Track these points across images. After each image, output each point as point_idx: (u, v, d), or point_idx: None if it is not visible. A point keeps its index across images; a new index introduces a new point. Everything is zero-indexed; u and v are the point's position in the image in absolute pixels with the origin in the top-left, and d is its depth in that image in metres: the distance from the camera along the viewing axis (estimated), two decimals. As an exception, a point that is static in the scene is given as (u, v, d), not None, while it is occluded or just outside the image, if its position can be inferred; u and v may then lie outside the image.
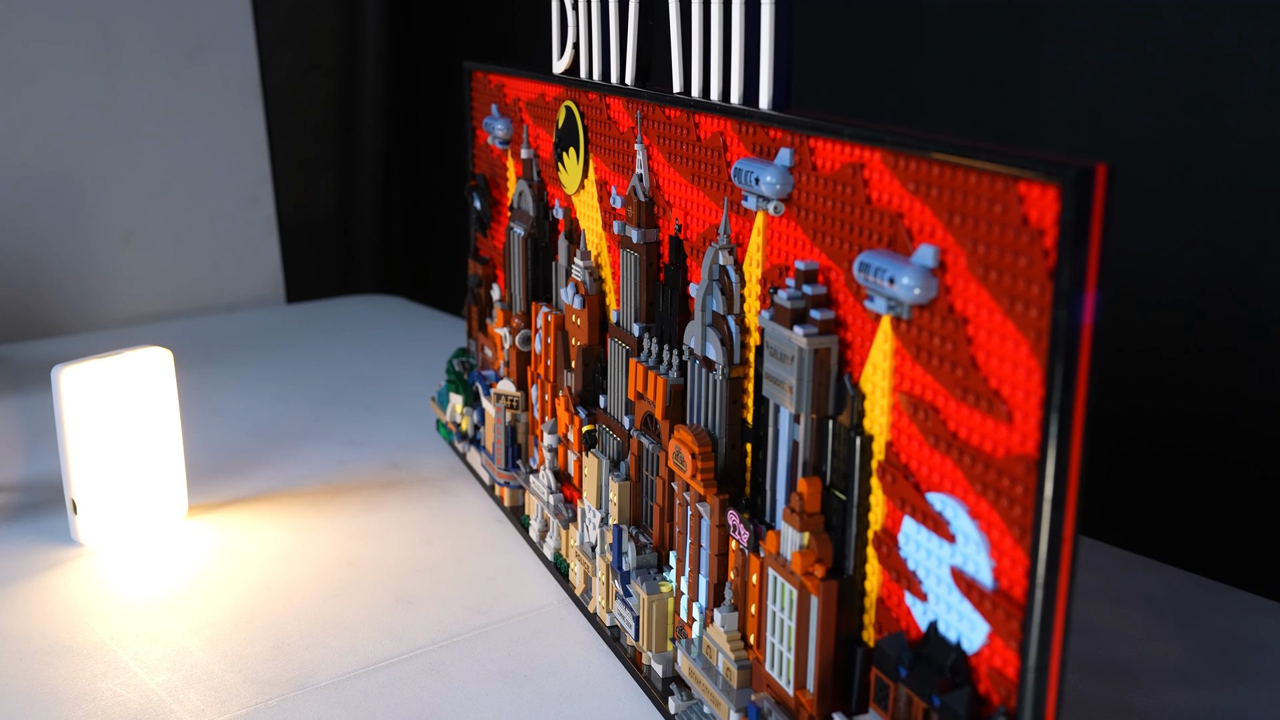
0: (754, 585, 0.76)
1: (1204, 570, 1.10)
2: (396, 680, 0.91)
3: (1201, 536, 1.21)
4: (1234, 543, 1.19)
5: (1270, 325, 1.16)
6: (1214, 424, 1.21)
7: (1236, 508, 1.19)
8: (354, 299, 2.18)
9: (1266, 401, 1.17)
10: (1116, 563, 1.13)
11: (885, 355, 0.65)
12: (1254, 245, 1.16)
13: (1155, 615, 1.02)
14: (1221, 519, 1.20)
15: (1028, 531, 0.55)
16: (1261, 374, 1.17)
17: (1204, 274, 1.21)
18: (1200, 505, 1.22)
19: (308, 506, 1.23)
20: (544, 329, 1.11)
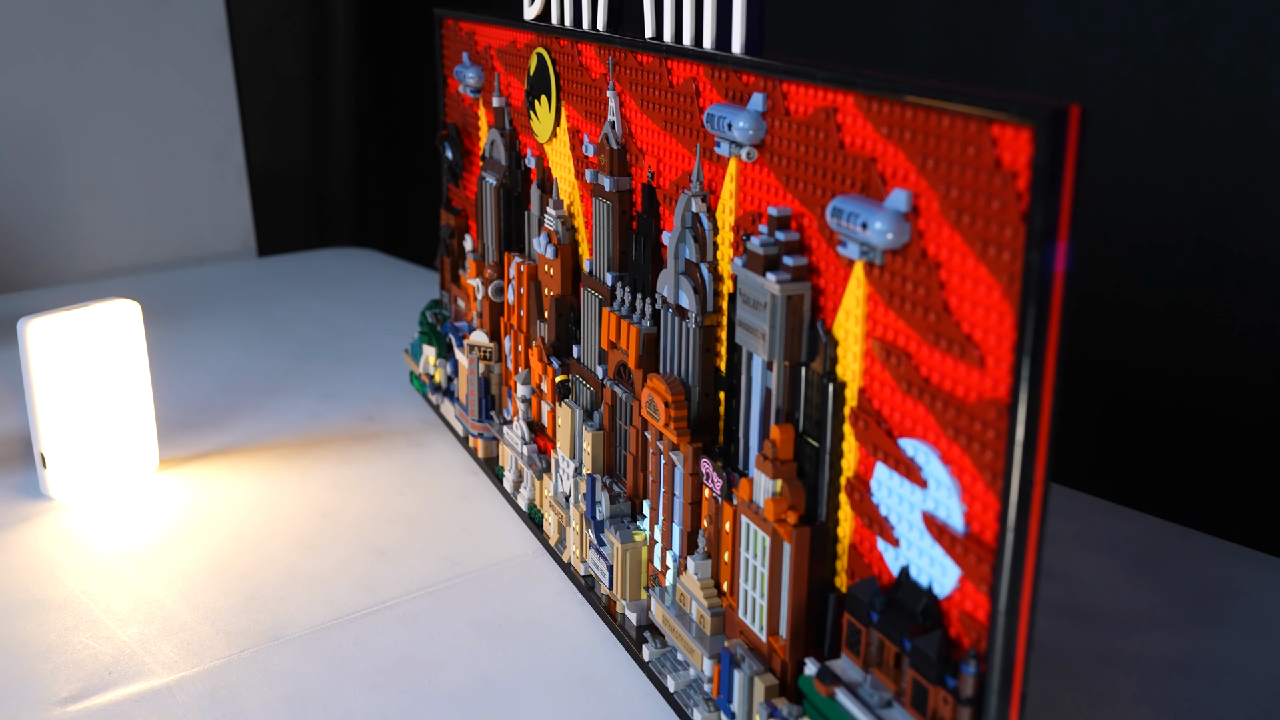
0: (727, 533, 0.76)
1: (1175, 516, 1.11)
2: (370, 631, 0.91)
3: (1172, 483, 1.21)
4: (1204, 489, 1.19)
5: (1242, 274, 1.16)
6: (1186, 371, 1.21)
7: (1207, 454, 1.20)
8: (327, 252, 2.16)
9: (1239, 348, 1.17)
10: (1088, 509, 1.14)
11: (858, 301, 0.65)
12: (1228, 193, 1.16)
13: (1126, 561, 1.03)
14: (1192, 466, 1.21)
15: (999, 476, 0.55)
16: (1233, 321, 1.17)
17: (1179, 221, 1.21)
18: (1171, 452, 1.23)
19: (280, 459, 1.22)
20: (517, 279, 1.10)
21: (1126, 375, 1.26)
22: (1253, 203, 1.15)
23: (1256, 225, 1.15)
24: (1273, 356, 1.14)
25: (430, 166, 1.54)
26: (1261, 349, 1.15)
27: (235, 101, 2.08)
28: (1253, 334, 1.16)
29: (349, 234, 2.33)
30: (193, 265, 2.06)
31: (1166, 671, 0.87)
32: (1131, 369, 1.26)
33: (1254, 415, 1.16)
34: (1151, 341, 1.24)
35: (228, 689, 0.83)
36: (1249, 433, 1.17)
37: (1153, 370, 1.24)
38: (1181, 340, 1.21)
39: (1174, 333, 1.22)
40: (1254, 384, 1.16)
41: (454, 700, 0.82)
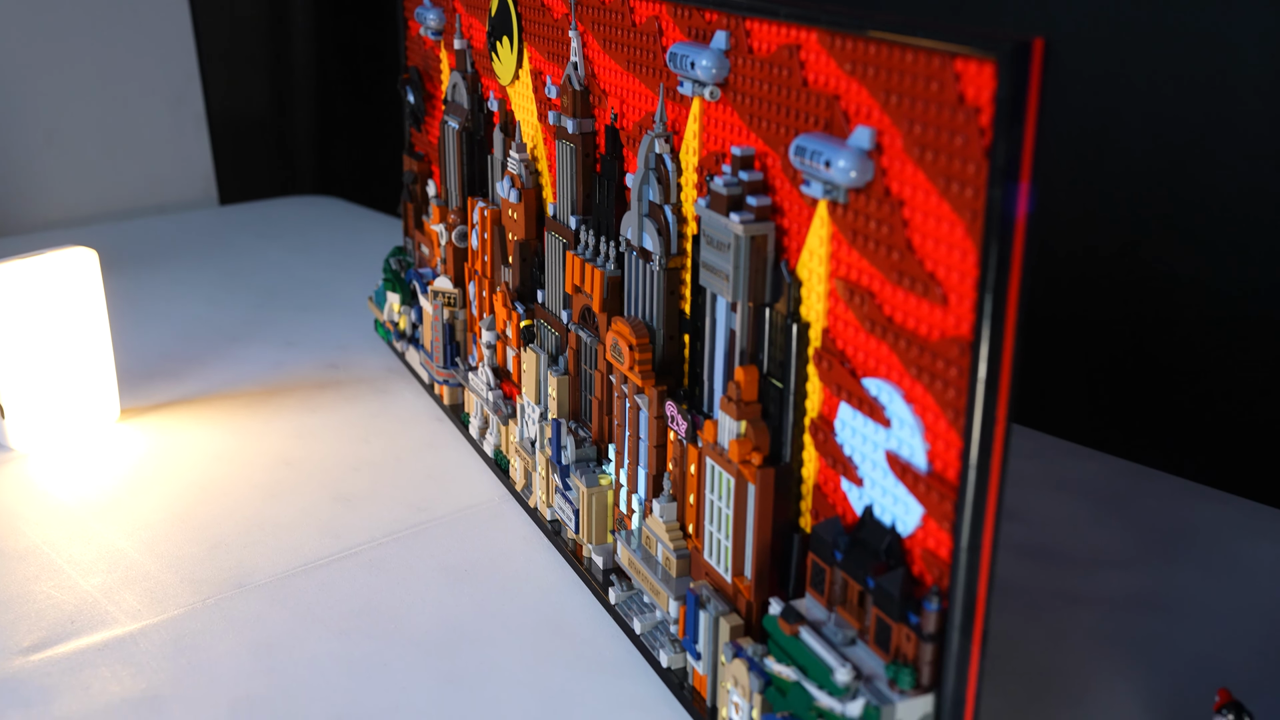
0: (692, 475, 0.76)
1: (1137, 457, 1.12)
2: (335, 577, 0.90)
3: (1136, 425, 1.22)
4: (1167, 430, 1.21)
5: (1203, 219, 1.16)
6: (1148, 315, 1.22)
7: (1169, 397, 1.21)
8: (289, 200, 2.13)
9: (1198, 292, 1.18)
10: (1052, 451, 1.15)
11: (822, 241, 0.65)
12: (1186, 142, 1.16)
13: (1089, 501, 1.04)
14: (1155, 408, 1.22)
15: (961, 414, 0.55)
16: (1193, 265, 1.18)
17: (1141, 168, 1.21)
18: (1134, 395, 1.24)
19: (243, 408, 1.21)
20: (480, 224, 1.09)
21: (1091, 321, 1.27)
22: (1209, 152, 1.15)
23: (1214, 173, 1.15)
24: (1232, 301, 1.15)
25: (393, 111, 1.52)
26: (1221, 294, 1.16)
27: (193, 47, 2.04)
28: (1212, 279, 1.17)
29: (312, 182, 2.31)
30: (153, 214, 2.03)
31: (1128, 609, 0.88)
32: (1095, 314, 1.26)
33: (1214, 359, 1.17)
34: (1115, 287, 1.24)
35: (192, 636, 0.83)
36: (1210, 375, 1.18)
37: (1116, 315, 1.25)
38: (1144, 285, 1.22)
39: (1136, 278, 1.22)
40: (1215, 328, 1.17)
41: (421, 645, 0.82)
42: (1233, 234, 1.14)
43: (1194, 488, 1.07)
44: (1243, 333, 1.14)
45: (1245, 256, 1.14)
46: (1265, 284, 1.13)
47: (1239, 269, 1.14)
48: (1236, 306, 1.15)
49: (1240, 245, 1.14)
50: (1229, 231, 1.15)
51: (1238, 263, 1.14)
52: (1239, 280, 1.15)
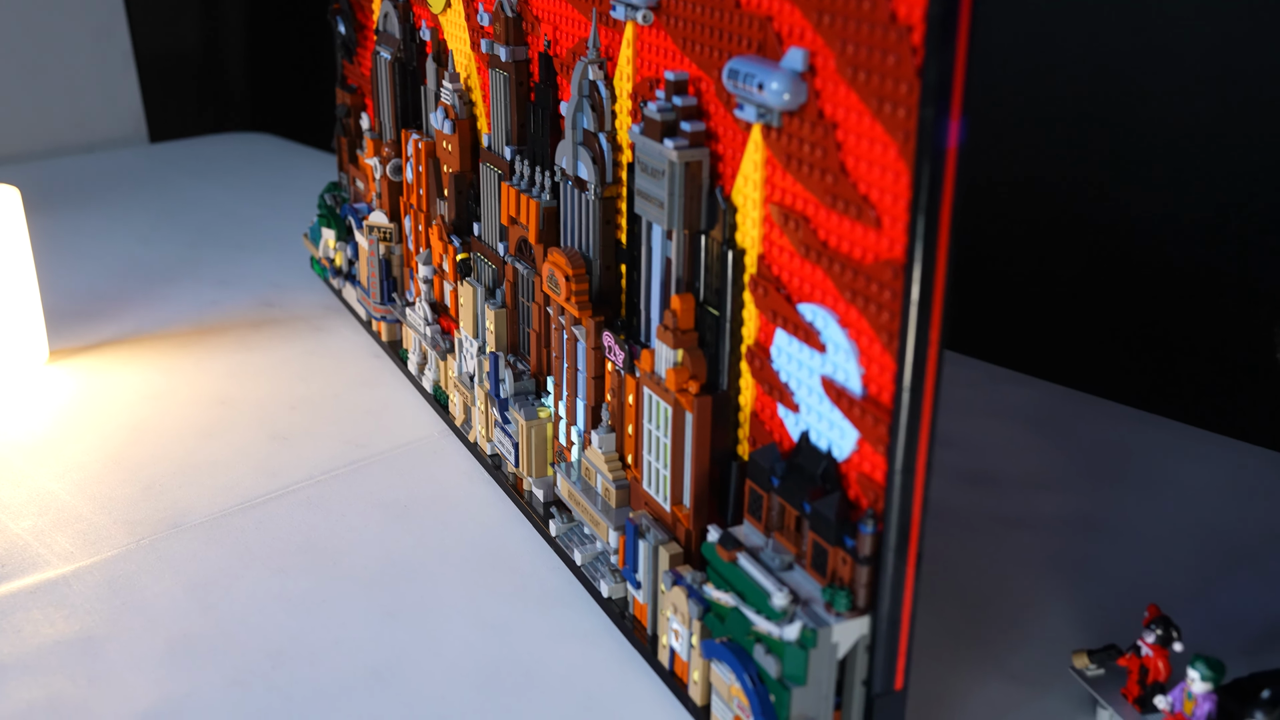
0: (630, 406, 0.76)
1: (1073, 383, 1.14)
2: (273, 515, 0.89)
3: (1071, 350, 1.24)
4: (1101, 355, 1.22)
5: (1141, 143, 1.17)
6: (1084, 243, 1.23)
7: (1103, 322, 1.22)
8: (222, 137, 2.09)
9: (1133, 220, 1.19)
10: (989, 378, 1.16)
11: (756, 166, 0.64)
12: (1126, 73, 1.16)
13: (1026, 426, 1.05)
14: (1090, 333, 1.23)
15: (895, 337, 0.55)
16: (1127, 191, 1.19)
17: (1080, 98, 1.21)
18: (1070, 320, 1.25)
19: (176, 348, 1.19)
20: (415, 157, 1.07)
21: (1028, 249, 1.28)
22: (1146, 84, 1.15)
23: (1150, 104, 1.15)
24: (1165, 230, 1.16)
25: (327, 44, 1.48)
26: (1155, 222, 1.17)
27: (116, -22, 1.98)
28: (1147, 208, 1.17)
29: (244, 118, 2.26)
30: (80, 153, 1.97)
31: (1063, 531, 0.89)
32: (1032, 243, 1.27)
33: (1148, 286, 1.18)
34: (1051, 215, 1.25)
35: (127, 577, 0.82)
36: (1144, 302, 1.19)
37: (1053, 243, 1.25)
38: (1080, 212, 1.22)
39: (1072, 204, 1.23)
40: (1149, 256, 1.18)
41: (360, 581, 0.82)
42: (1169, 163, 1.15)
43: (1129, 412, 1.08)
44: (1176, 260, 1.16)
45: (1180, 185, 1.14)
46: (1198, 213, 1.14)
47: (1174, 198, 1.15)
48: (1170, 235, 1.16)
49: (1175, 173, 1.15)
50: (1165, 160, 1.15)
51: (1172, 192, 1.15)
52: (1173, 209, 1.16)
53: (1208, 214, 1.13)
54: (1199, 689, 0.62)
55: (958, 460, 0.99)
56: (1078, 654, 0.70)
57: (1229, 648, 0.74)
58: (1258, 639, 0.76)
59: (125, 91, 2.03)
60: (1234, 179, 1.10)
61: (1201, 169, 1.12)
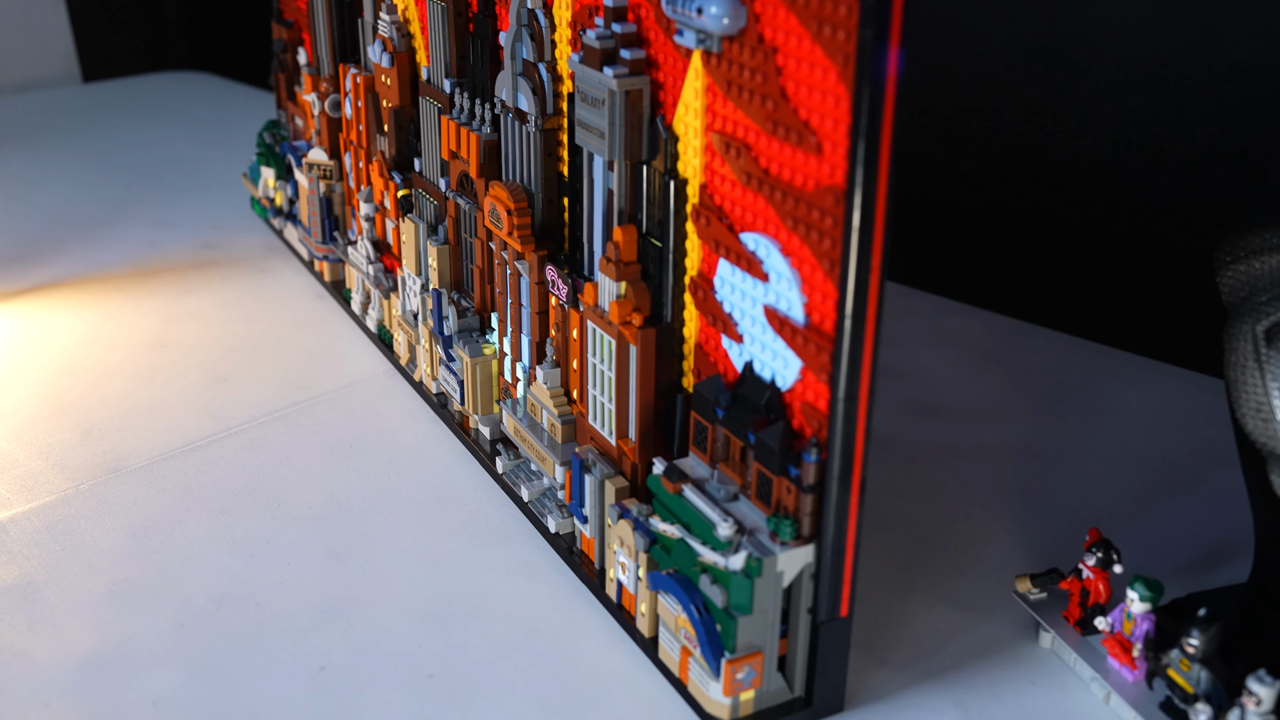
0: (575, 340, 0.75)
1: (1017, 313, 1.14)
2: (215, 457, 0.88)
3: (1015, 281, 1.24)
4: (1045, 286, 1.23)
5: (1084, 74, 1.17)
6: (1026, 174, 1.23)
7: (1047, 252, 1.23)
8: (158, 76, 2.03)
9: (1074, 150, 1.19)
10: (937, 310, 1.16)
11: (697, 93, 0.63)
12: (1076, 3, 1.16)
13: (973, 357, 1.06)
14: (1034, 264, 1.24)
15: (837, 264, 0.55)
16: (1072, 123, 1.19)
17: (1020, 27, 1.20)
18: (1014, 252, 1.25)
19: (115, 291, 1.16)
20: (353, 92, 1.05)
21: (971, 180, 1.28)
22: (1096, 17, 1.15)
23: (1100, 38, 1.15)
24: (1108, 163, 1.16)
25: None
26: (1096, 152, 1.17)
27: (43, -88, 1.91)
28: (1089, 138, 1.17)
29: (181, 56, 2.20)
30: (10, 93, 1.92)
31: (1008, 458, 0.90)
32: (976, 174, 1.27)
33: (1091, 217, 1.18)
34: (996, 146, 1.25)
35: (66, 522, 0.80)
36: (1086, 232, 1.19)
37: (996, 174, 1.25)
38: (1023, 145, 1.22)
39: (1017, 137, 1.23)
40: (1089, 186, 1.18)
41: (304, 521, 0.81)
42: (1115, 94, 1.15)
43: (1073, 341, 1.09)
44: (1118, 191, 1.16)
45: (1125, 116, 1.15)
46: (1137, 143, 1.14)
47: (1118, 129, 1.15)
48: (1111, 164, 1.16)
49: (1121, 104, 1.15)
50: (1111, 92, 1.15)
51: (1117, 123, 1.15)
52: (1117, 140, 1.16)
53: (1151, 145, 1.13)
54: (1138, 609, 0.63)
55: (906, 391, 0.99)
56: (1020, 579, 0.71)
57: (1168, 569, 0.75)
58: (1196, 560, 0.78)
59: (56, 30, 1.97)
60: (1178, 110, 1.10)
61: (1147, 101, 1.12)
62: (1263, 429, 0.59)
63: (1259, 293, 0.62)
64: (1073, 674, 0.68)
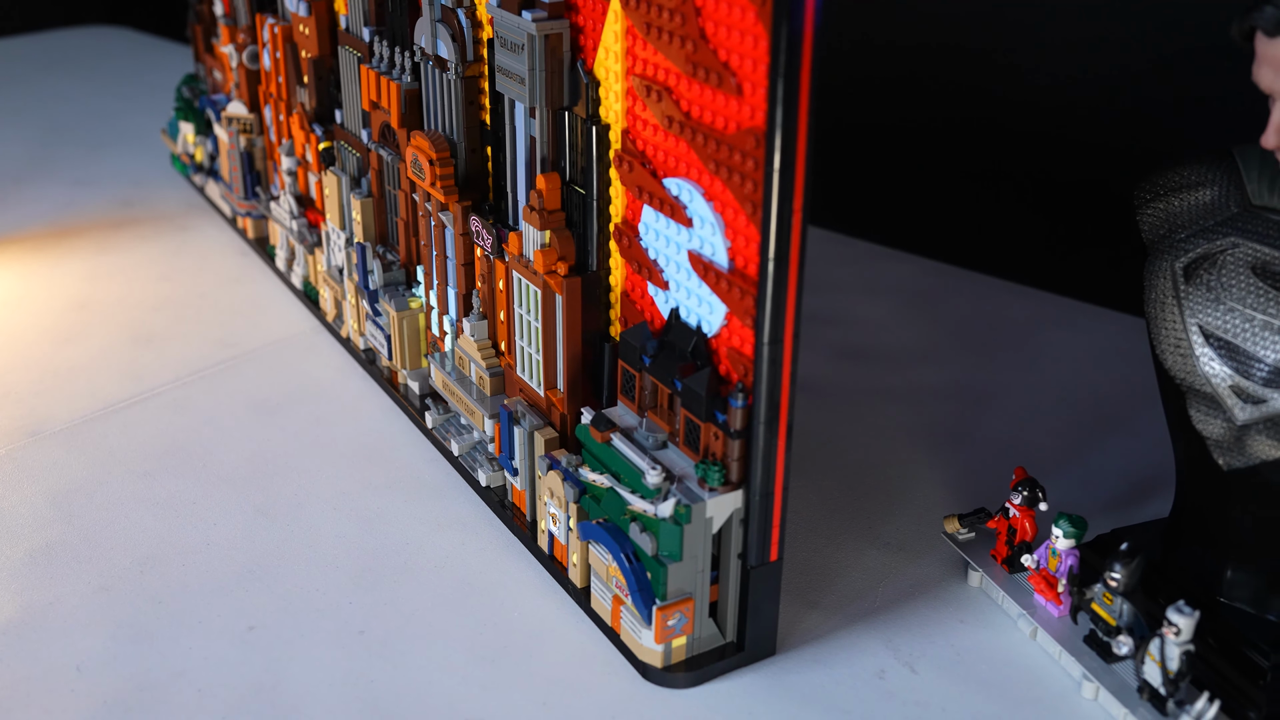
0: (501, 291, 0.74)
1: (946, 258, 1.15)
2: (138, 419, 0.86)
3: (944, 226, 1.25)
4: (973, 230, 1.23)
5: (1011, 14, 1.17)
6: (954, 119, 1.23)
7: (976, 197, 1.23)
8: (73, 31, 1.97)
9: (1003, 95, 1.19)
10: (866, 255, 1.16)
11: (617, 36, 0.62)
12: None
13: (903, 302, 1.06)
14: (963, 209, 1.24)
15: (759, 207, 0.54)
16: (999, 64, 1.19)
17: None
18: (943, 197, 1.26)
19: (30, 252, 1.13)
20: (271, 42, 1.02)
21: (900, 125, 1.28)
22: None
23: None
24: (1034, 106, 1.17)
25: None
26: (1025, 97, 1.17)
27: None
28: (1018, 80, 1.18)
29: (96, 10, 2.14)
30: (-82, 50, 1.86)
31: (939, 401, 0.90)
32: (904, 119, 1.27)
33: (1017, 160, 1.19)
34: (923, 90, 1.25)
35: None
36: (1013, 176, 1.20)
37: (923, 119, 1.25)
38: (951, 89, 1.22)
39: (945, 80, 1.23)
40: (1017, 131, 1.19)
41: (230, 481, 0.79)
42: (1036, 33, 1.15)
43: (1000, 284, 1.10)
44: (1041, 133, 1.17)
45: (1047, 55, 1.15)
46: (1062, 85, 1.14)
47: (1041, 68, 1.16)
48: (1035, 106, 1.17)
49: (1042, 44, 1.15)
50: (1033, 30, 1.16)
51: (1040, 61, 1.16)
52: (1040, 81, 1.16)
53: (1075, 88, 1.14)
54: (1062, 545, 0.64)
55: (836, 337, 1.00)
56: (949, 519, 0.71)
57: (1094, 506, 0.76)
58: (1121, 496, 0.79)
59: (-36, -16, 1.91)
60: (1099, 48, 1.11)
61: (1071, 41, 1.13)
62: (1181, 364, 0.60)
63: (1177, 230, 0.62)
64: (1001, 611, 0.68)
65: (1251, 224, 0.59)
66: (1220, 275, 0.59)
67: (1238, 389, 0.58)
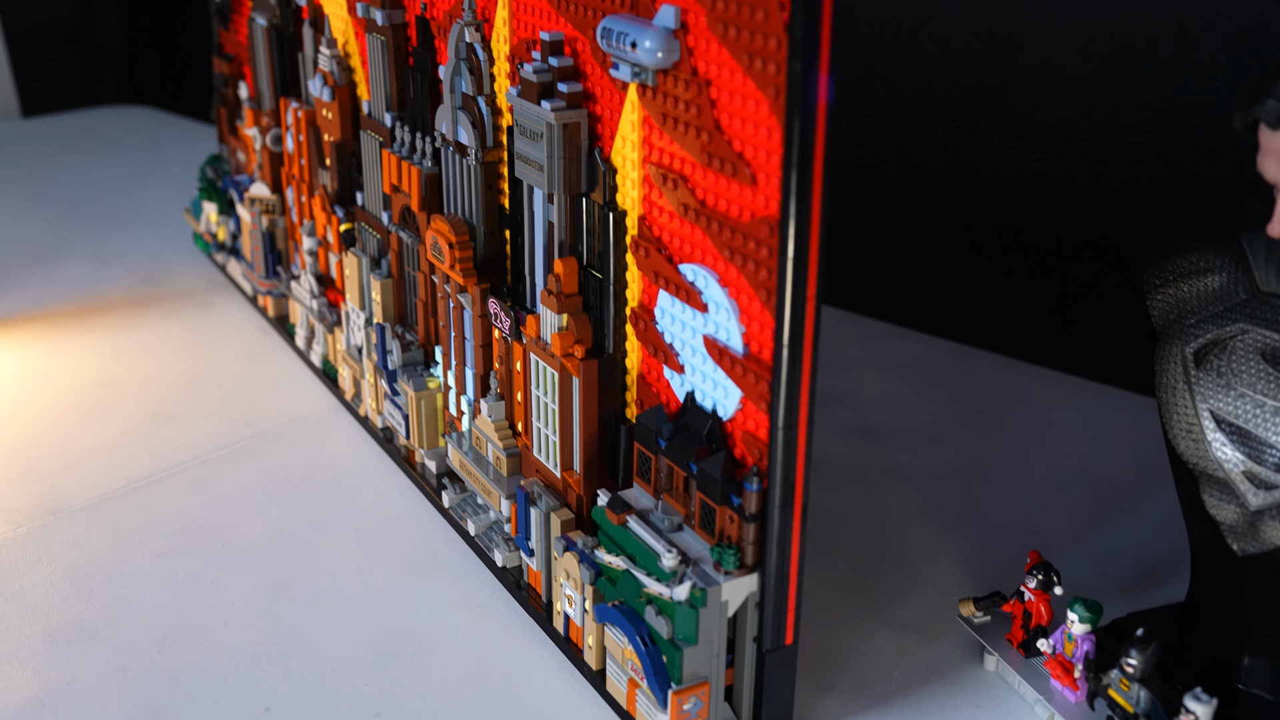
0: (518, 372, 0.75)
1: (956, 336, 1.16)
2: (157, 497, 0.87)
3: (954, 305, 1.26)
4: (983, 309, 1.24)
5: (1020, 98, 1.19)
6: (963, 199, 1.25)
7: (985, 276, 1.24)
8: (98, 111, 2.02)
9: (1014, 177, 1.21)
10: (877, 333, 1.17)
11: (634, 126, 0.63)
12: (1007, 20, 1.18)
13: (914, 380, 1.07)
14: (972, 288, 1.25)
15: (773, 294, 0.55)
16: (1007, 146, 1.21)
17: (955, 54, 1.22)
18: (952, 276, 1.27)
19: (54, 329, 1.15)
20: (295, 126, 1.05)
21: (909, 206, 1.29)
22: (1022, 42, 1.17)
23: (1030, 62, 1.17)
24: (1040, 184, 1.18)
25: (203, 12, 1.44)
26: (1031, 177, 1.19)
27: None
28: (1024, 163, 1.19)
29: (121, 90, 2.18)
30: (-53, 129, 1.90)
31: (949, 480, 0.91)
32: (914, 200, 1.29)
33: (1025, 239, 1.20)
34: (932, 171, 1.26)
35: (3, 567, 0.79)
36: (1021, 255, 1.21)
37: (933, 199, 1.27)
38: (961, 168, 1.24)
39: (953, 161, 1.24)
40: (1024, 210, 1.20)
41: (248, 560, 0.80)
42: (1045, 115, 1.17)
43: (1010, 363, 1.10)
44: (1050, 213, 1.18)
45: (1056, 136, 1.17)
46: (1072, 168, 1.16)
47: (1052, 153, 1.17)
48: (1044, 187, 1.18)
49: (1052, 128, 1.17)
50: (1042, 112, 1.17)
51: (1050, 147, 1.17)
52: (1048, 163, 1.18)
53: (1082, 166, 1.15)
54: (1078, 630, 0.64)
55: (848, 415, 1.00)
56: (964, 602, 0.71)
57: (1108, 589, 0.76)
58: (1135, 579, 0.79)
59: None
60: (1109, 134, 1.13)
61: (1081, 126, 1.15)
62: (1193, 449, 0.60)
63: (1187, 315, 0.63)
64: (1017, 696, 0.68)
65: (1260, 310, 0.60)
66: (1230, 361, 0.60)
67: (1250, 474, 0.58)
